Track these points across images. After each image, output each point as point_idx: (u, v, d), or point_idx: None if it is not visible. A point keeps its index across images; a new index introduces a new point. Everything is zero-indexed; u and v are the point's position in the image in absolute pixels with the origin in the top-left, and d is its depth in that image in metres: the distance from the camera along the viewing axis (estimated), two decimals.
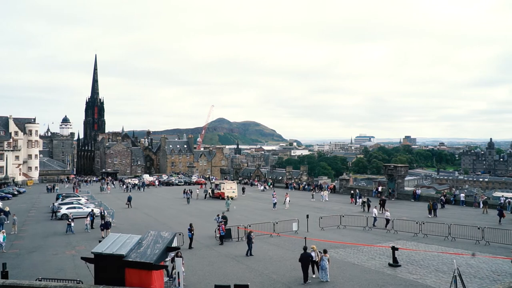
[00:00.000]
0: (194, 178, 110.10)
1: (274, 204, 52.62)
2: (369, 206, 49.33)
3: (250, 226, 33.46)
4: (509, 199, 51.79)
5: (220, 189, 66.41)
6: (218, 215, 37.70)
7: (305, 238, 28.63)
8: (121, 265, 17.65)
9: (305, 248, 23.09)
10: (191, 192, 64.83)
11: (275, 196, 58.48)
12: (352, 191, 61.39)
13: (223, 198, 58.82)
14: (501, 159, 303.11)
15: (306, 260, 22.43)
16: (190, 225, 31.63)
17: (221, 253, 29.12)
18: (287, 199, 54.29)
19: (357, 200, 55.70)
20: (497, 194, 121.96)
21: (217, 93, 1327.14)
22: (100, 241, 20.27)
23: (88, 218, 40.16)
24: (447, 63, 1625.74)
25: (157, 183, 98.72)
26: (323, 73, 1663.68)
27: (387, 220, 37.78)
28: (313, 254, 22.97)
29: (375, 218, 38.99)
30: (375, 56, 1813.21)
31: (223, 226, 32.93)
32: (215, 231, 33.77)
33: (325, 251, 22.77)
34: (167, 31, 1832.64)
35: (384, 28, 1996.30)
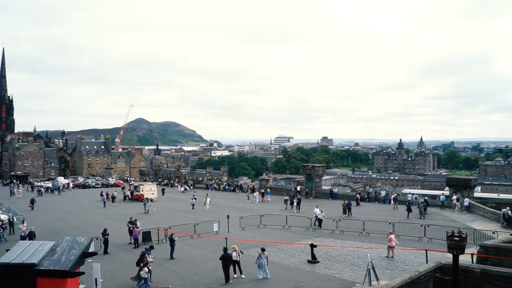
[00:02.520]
0: (112, 180, 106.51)
1: (193, 205, 52.20)
2: (292, 204, 50.67)
3: (170, 228, 32.98)
4: (416, 195, 55.40)
5: (139, 191, 64.79)
6: (130, 218, 36.28)
7: (226, 238, 28.73)
8: (33, 274, 16.62)
9: (225, 249, 23.19)
10: (109, 195, 62.52)
11: (195, 196, 58.28)
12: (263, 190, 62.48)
13: (142, 200, 57.47)
14: (410, 159, 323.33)
15: (226, 260, 22.53)
16: (105, 230, 30.53)
17: None
18: (208, 200, 54.10)
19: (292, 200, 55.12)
20: (406, 191, 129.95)
21: (136, 93, 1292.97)
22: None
23: None
24: (363, 67, 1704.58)
25: (71, 186, 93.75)
26: (244, 74, 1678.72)
27: (320, 220, 38.64)
28: (234, 254, 23.09)
29: (318, 219, 38.81)
30: (295, 58, 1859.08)
31: (135, 230, 32.10)
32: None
33: (263, 249, 23.24)
34: (84, 27, 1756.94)
35: (304, 31, 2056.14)
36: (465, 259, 19.85)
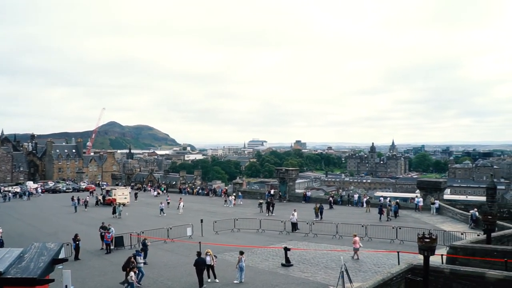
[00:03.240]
0: (84, 185, 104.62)
1: (161, 210, 51.56)
2: (268, 208, 50.74)
3: (143, 232, 32.59)
4: (389, 198, 56.25)
5: (111, 195, 63.88)
6: (102, 223, 35.71)
7: (200, 242, 28.55)
8: None
9: (199, 253, 23.06)
10: (81, 200, 61.37)
11: (168, 200, 57.93)
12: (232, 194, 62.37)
13: (115, 205, 56.64)
14: (381, 162, 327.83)
15: (200, 265, 22.41)
16: (75, 235, 29.91)
17: (113, 262, 27.95)
18: (181, 204, 53.69)
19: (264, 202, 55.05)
20: (378, 194, 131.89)
21: (108, 96, 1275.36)
22: None
23: None
24: (336, 72, 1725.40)
25: (40, 190, 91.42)
26: (219, 77, 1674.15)
27: (295, 224, 38.71)
28: (207, 258, 22.97)
29: (292, 222, 39.02)
30: (270, 62, 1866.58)
31: (106, 235, 31.58)
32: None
33: (241, 253, 23.13)
34: (56, 28, 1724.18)
35: (279, 36, 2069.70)
36: (435, 260, 20.22)
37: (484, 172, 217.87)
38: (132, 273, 21.28)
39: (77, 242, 29.44)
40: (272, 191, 67.08)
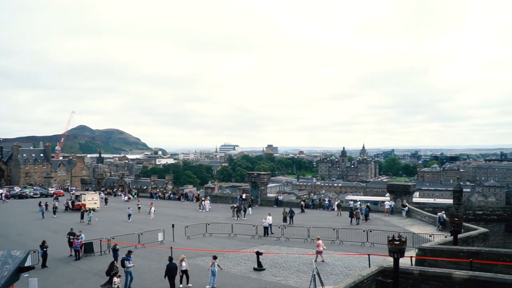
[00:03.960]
0: (52, 190, 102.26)
1: (129, 215, 50.57)
2: (244, 211, 50.66)
3: (113, 238, 32.06)
4: (358, 202, 57.01)
5: (80, 201, 62.59)
6: (71, 229, 34.89)
7: (171, 248, 28.27)
8: None
9: (170, 258, 22.88)
10: (47, 205, 59.89)
11: (139, 205, 57.23)
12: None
13: (84, 210, 55.53)
14: (352, 166, 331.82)
15: (171, 270, 22.26)
16: (43, 242, 29.16)
17: (83, 269, 27.41)
18: (152, 209, 53.08)
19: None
20: (349, 197, 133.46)
21: (78, 99, 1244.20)
22: None
23: None
24: (308, 77, 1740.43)
25: (4, 196, 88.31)
26: (192, 81, 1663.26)
27: (266, 228, 38.76)
28: (183, 264, 22.83)
29: (270, 226, 39.07)
30: (242, 66, 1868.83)
31: (75, 241, 30.95)
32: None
33: (214, 257, 23.05)
34: (23, 29, 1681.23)
35: (251, 41, 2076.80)
36: (405, 261, 20.55)
37: (451, 175, 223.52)
38: (115, 279, 21.06)
39: (45, 249, 28.70)
40: (244, 196, 67.05)
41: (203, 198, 66.58)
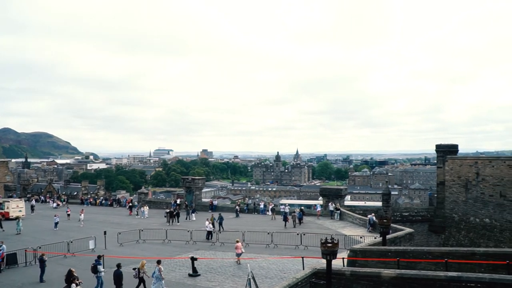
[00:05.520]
0: None
1: (56, 223, 47.61)
2: (177, 216, 49.97)
3: (40, 247, 30.55)
4: (288, 206, 58.05)
5: (4, 209, 59.13)
6: None
7: (103, 255, 27.40)
8: None
9: (118, 265, 22.88)
10: None
11: (68, 212, 55.07)
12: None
13: (7, 219, 52.47)
14: (286, 170, 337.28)
15: (117, 277, 22.49)
16: None
17: (4, 283, 25.78)
18: (81, 216, 51.07)
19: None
20: (284, 201, 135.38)
21: (3, 100, 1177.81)
22: None
23: None
24: (244, 82, 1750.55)
25: None
26: (126, 84, 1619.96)
27: (210, 232, 38.51)
28: (141, 270, 22.95)
29: (208, 231, 38.94)
30: (178, 71, 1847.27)
31: None
32: None
33: (159, 262, 22.91)
34: None
35: (187, 45, 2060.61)
36: (337, 263, 21.16)
37: (380, 179, 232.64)
38: (74, 285, 20.61)
39: None
40: (178, 201, 66.27)
41: (141, 204, 64.89)
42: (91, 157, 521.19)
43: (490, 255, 20.53)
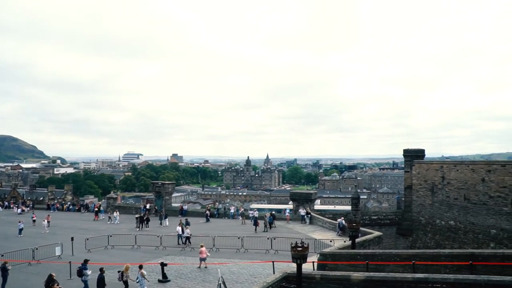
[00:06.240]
0: None
1: (20, 230, 46.35)
2: (147, 221, 49.35)
3: (2, 255, 29.66)
4: (256, 211, 58.28)
5: None
6: None
7: (70, 262, 26.89)
8: None
9: (101, 269, 23.05)
10: None
11: (33, 218, 53.76)
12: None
13: None
14: (257, 175, 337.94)
15: (100, 281, 22.60)
16: None
17: None
18: (45, 221, 49.71)
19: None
20: (254, 206, 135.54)
21: None
22: None
23: None
24: (215, 86, 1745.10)
25: None
26: (94, 87, 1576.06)
27: (187, 238, 38.18)
28: (129, 274, 23.11)
29: (179, 236, 38.80)
30: (149, 74, 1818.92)
31: None
32: None
33: (140, 267, 22.94)
34: None
35: (157, 48, 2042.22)
36: (307, 267, 21.33)
37: (350, 183, 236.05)
38: None
39: None
40: (148, 205, 65.54)
41: (112, 209, 63.56)
42: (58, 161, 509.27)
43: (455, 256, 21.10)
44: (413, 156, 57.76)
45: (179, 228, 39.66)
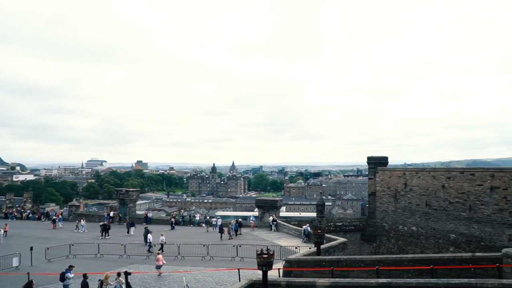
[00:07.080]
0: None
1: None
2: (107, 230, 48.34)
3: None
4: (219, 218, 58.13)
5: None
6: None
7: (28, 273, 26.01)
8: None
9: (84, 275, 23.12)
10: None
11: None
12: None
13: None
14: (222, 182, 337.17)
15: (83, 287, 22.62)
16: None
17: None
18: (2, 231, 47.80)
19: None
20: (219, 213, 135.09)
21: None
22: None
23: None
24: (180, 93, 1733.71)
25: None
26: (56, 92, 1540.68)
27: (162, 244, 37.44)
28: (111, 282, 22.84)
29: (150, 244, 38.05)
30: (112, 80, 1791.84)
31: None
32: None
33: (118, 274, 22.72)
34: None
35: (123, 54, 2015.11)
36: (273, 274, 21.32)
37: (315, 190, 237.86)
38: None
39: None
40: (111, 213, 64.30)
41: (77, 217, 61.77)
42: (18, 168, 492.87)
43: (417, 261, 21.58)
44: (377, 163, 58.85)
45: (150, 236, 38.93)
